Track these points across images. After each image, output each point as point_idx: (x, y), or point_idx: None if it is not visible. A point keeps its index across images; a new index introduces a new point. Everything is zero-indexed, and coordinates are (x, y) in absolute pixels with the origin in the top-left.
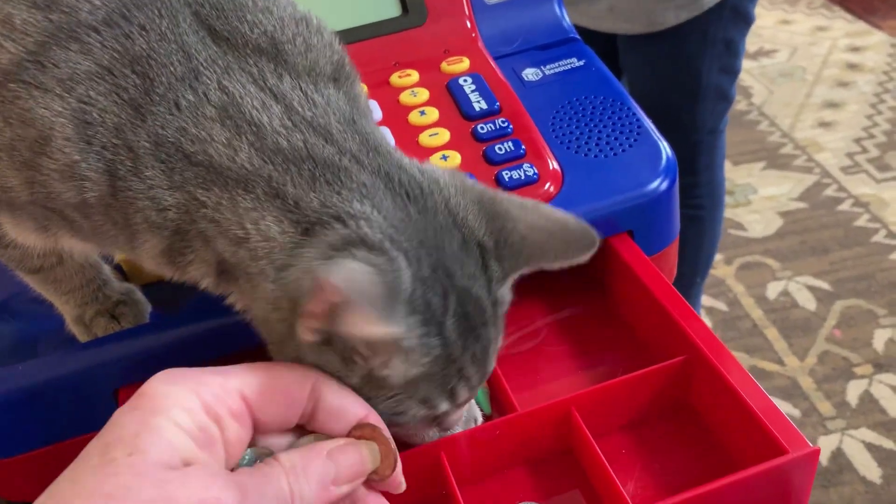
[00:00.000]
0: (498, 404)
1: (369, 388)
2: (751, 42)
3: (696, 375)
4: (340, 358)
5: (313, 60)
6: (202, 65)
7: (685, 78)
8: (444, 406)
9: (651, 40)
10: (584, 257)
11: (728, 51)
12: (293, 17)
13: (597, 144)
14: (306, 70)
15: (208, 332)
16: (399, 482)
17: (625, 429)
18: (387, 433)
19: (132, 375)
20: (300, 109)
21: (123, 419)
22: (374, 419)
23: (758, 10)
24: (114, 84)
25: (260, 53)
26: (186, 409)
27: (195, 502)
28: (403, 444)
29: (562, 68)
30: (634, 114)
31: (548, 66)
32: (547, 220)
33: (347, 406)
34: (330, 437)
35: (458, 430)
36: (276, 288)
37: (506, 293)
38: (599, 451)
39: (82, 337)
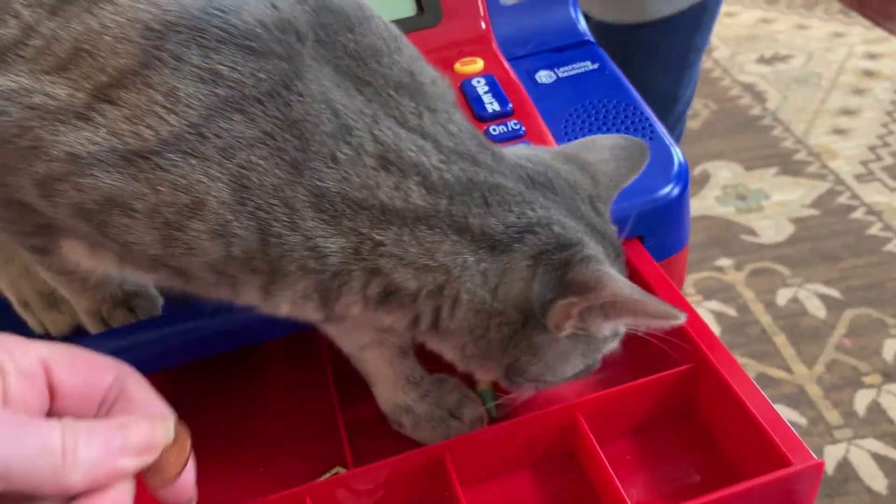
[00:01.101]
0: (503, 407)
1: (589, 352)
2: (766, 46)
3: (702, 384)
4: (570, 338)
5: (443, 89)
6: (351, 118)
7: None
8: (622, 329)
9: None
10: (645, 165)
11: (695, 54)
12: (415, 53)
13: None
14: (440, 99)
15: (217, 326)
16: (188, 494)
17: (629, 435)
18: (187, 433)
19: (142, 367)
20: (443, 142)
21: None
22: (167, 422)
23: (774, 15)
24: (275, 148)
25: (401, 90)
26: None
27: None
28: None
29: (575, 71)
30: (647, 118)
31: (561, 69)
32: (610, 149)
33: (151, 401)
34: None
35: (464, 431)
36: (497, 302)
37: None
38: (604, 458)
39: (94, 329)
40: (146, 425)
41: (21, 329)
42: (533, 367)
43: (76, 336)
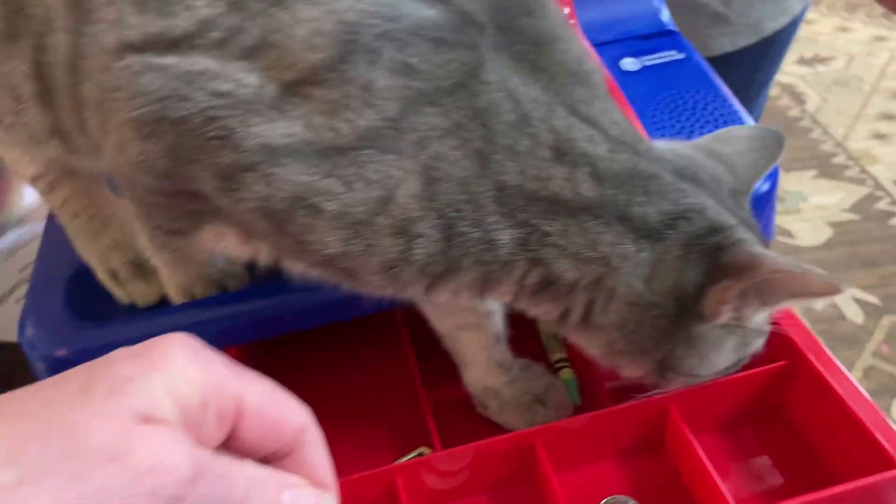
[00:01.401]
0: (590, 396)
1: (740, 346)
2: (806, 48)
3: (796, 382)
4: (723, 328)
5: (601, 79)
6: (529, 107)
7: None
8: (767, 327)
9: None
10: (781, 154)
11: (758, 88)
12: (580, 40)
13: None
14: (600, 87)
15: (300, 303)
16: None
17: (718, 430)
18: None
19: (224, 340)
20: (610, 131)
21: (121, 360)
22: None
23: (815, 16)
24: (463, 139)
25: (573, 78)
26: (186, 381)
27: (148, 465)
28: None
29: (661, 60)
30: (736, 111)
31: (647, 57)
32: (746, 140)
33: (321, 466)
34: None
35: (550, 417)
36: (652, 294)
37: None
38: (700, 450)
39: (179, 300)
40: (312, 496)
41: (99, 296)
42: (687, 360)
43: (161, 305)
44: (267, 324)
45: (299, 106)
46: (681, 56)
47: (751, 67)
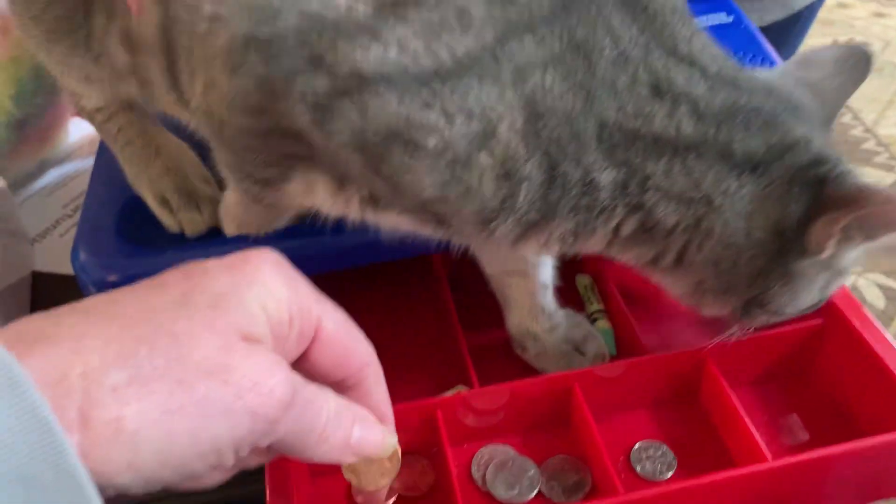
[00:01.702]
0: (626, 346)
1: (827, 285)
2: (841, 32)
3: (830, 340)
4: (818, 265)
5: (691, 16)
6: (628, 46)
7: None
8: (850, 272)
9: None
10: (869, 72)
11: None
12: None
13: None
14: (696, 23)
15: (348, 242)
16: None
17: (749, 384)
18: (398, 458)
19: None
20: (710, 67)
21: (215, 271)
22: (394, 439)
23: (851, 0)
24: (566, 69)
25: (676, 15)
26: (276, 298)
27: (249, 383)
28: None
29: (709, 22)
30: None
31: (695, 20)
32: (832, 63)
33: (383, 401)
34: None
35: (585, 365)
36: (754, 229)
37: None
38: (736, 401)
39: (231, 233)
40: (379, 432)
41: (149, 225)
42: (779, 297)
43: (209, 236)
44: (313, 260)
45: (394, 28)
46: (729, 19)
47: (775, 43)
